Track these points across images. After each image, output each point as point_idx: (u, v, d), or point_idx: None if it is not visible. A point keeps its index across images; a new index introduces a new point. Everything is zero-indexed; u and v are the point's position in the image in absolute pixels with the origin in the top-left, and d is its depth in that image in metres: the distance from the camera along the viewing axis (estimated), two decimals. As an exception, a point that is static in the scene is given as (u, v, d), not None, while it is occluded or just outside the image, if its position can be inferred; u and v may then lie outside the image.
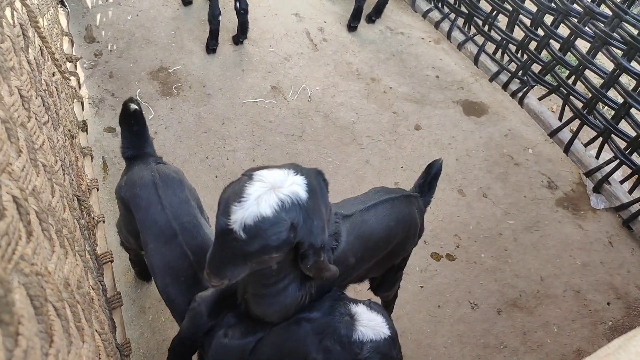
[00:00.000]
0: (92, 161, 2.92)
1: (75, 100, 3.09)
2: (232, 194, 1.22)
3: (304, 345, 1.49)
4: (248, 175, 1.25)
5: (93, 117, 3.41)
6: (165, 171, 1.91)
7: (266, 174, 1.25)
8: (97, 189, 2.76)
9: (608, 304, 2.85)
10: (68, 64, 3.24)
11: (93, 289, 1.63)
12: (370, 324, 1.47)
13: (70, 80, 2.92)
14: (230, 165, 3.26)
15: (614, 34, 2.86)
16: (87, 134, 3.10)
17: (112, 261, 2.45)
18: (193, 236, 1.80)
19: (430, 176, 2.06)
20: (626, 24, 2.83)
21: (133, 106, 1.93)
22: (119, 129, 3.37)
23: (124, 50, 3.86)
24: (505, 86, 3.76)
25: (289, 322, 1.56)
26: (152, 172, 1.87)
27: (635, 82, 2.87)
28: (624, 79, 3.17)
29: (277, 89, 3.77)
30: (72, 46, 3.58)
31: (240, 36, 3.99)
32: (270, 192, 1.20)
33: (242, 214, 1.18)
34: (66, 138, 2.12)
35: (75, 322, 1.13)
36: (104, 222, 2.60)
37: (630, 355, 0.93)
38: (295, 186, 1.24)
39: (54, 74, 2.25)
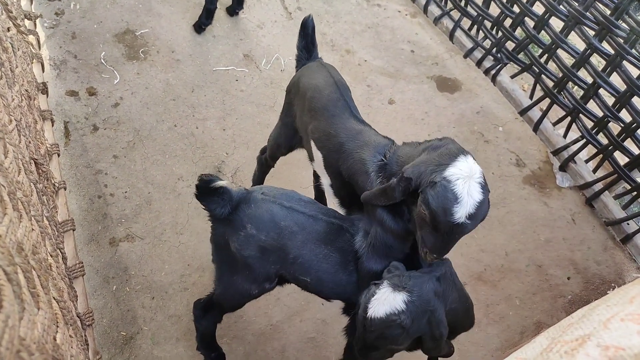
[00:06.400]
0: (52, 125, 2.79)
1: (34, 60, 2.92)
2: (444, 202, 1.47)
3: None
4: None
5: (54, 79, 3.24)
6: None
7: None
8: (58, 155, 2.64)
9: (568, 278, 2.94)
10: (26, 22, 3.05)
11: (51, 255, 1.56)
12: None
13: (27, 36, 2.75)
14: (199, 134, 3.17)
15: (587, 13, 2.88)
16: (47, 96, 2.94)
17: (73, 229, 2.36)
18: None
19: (310, 34, 2.25)
20: (599, 4, 2.84)
21: (220, 183, 1.71)
22: (81, 93, 3.24)
23: (87, 10, 3.66)
24: (479, 63, 3.76)
25: None
26: None
27: (605, 62, 2.90)
28: (594, 59, 3.21)
29: (249, 58, 3.67)
30: (32, 3, 3.38)
31: (236, 7, 3.79)
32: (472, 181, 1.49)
33: (465, 211, 1.47)
34: (23, 98, 1.99)
35: (30, 288, 1.07)
36: (65, 189, 2.49)
37: (593, 323, 0.94)
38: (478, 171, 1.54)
39: (8, 29, 2.10)
